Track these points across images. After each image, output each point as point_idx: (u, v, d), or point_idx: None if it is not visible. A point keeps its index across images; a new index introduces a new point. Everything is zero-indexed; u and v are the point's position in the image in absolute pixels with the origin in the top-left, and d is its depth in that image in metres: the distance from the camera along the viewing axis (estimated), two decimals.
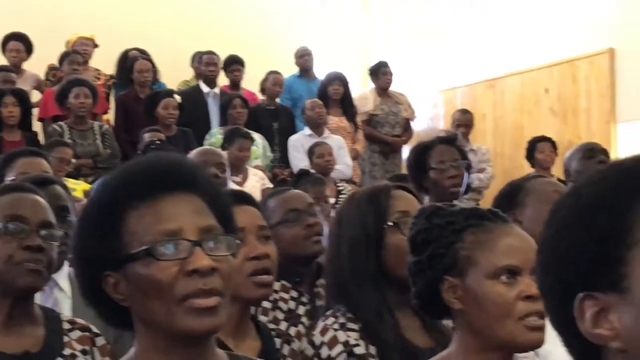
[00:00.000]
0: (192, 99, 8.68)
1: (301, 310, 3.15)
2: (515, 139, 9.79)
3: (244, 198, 2.51)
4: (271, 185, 7.17)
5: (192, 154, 4.86)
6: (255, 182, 7.22)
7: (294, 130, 8.92)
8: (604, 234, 1.09)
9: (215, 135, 8.08)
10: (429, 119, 10.75)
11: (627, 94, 8.90)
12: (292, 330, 3.06)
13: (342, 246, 2.50)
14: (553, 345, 1.25)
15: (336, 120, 9.02)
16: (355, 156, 8.90)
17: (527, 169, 8.06)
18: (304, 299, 3.18)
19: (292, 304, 3.14)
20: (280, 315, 3.09)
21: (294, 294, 3.18)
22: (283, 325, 3.04)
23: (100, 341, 2.45)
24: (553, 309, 1.17)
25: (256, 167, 7.78)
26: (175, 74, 9.67)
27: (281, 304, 3.11)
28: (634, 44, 8.82)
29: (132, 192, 1.52)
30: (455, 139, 4.36)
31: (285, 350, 2.66)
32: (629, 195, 1.10)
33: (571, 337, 1.14)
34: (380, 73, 9.52)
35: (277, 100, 9.34)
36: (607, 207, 1.10)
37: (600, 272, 1.09)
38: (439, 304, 1.99)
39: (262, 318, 2.96)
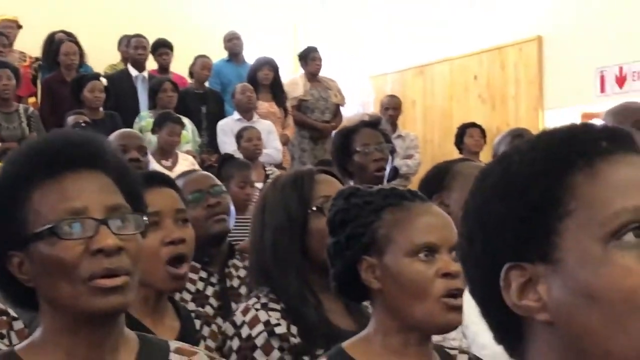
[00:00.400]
0: (121, 82, 8.60)
1: (209, 291, 3.14)
2: (445, 126, 9.87)
3: (163, 180, 2.46)
4: None
5: (113, 137, 4.77)
6: (185, 167, 7.14)
7: (222, 115, 8.85)
8: (536, 204, 1.05)
9: (145, 118, 7.99)
10: (358, 104, 10.76)
11: (555, 81, 9.03)
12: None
13: (266, 231, 2.47)
14: (480, 327, 1.21)
15: (266, 105, 8.95)
16: (285, 142, 8.85)
17: (455, 155, 8.09)
18: (213, 280, 3.17)
19: (200, 285, 3.13)
20: (187, 296, 3.08)
21: (203, 274, 3.16)
22: (190, 307, 3.00)
23: (18, 325, 2.38)
24: (476, 280, 1.12)
25: (187, 152, 7.72)
26: (102, 57, 9.55)
27: (188, 285, 3.09)
28: (562, 32, 8.94)
29: (35, 169, 1.47)
30: (379, 122, 4.37)
31: (205, 331, 2.63)
32: (562, 164, 1.05)
33: (493, 309, 1.10)
34: (309, 58, 9.47)
35: (206, 84, 9.27)
36: (540, 176, 1.05)
37: (530, 243, 1.05)
38: (358, 286, 1.97)
39: None
